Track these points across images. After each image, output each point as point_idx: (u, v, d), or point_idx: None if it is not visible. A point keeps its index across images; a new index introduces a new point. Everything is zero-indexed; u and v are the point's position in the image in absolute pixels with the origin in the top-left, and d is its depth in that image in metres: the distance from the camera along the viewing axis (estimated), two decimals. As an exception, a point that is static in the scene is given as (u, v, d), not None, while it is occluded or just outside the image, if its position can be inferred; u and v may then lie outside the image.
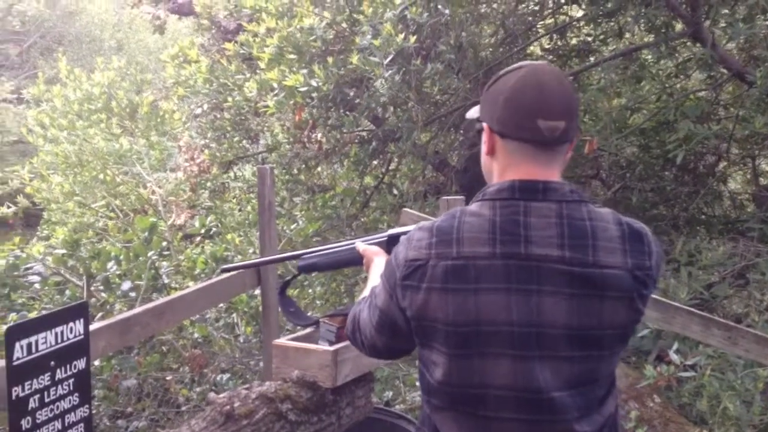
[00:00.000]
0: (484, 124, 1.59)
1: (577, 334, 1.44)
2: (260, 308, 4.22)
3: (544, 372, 1.44)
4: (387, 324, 1.60)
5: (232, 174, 7.36)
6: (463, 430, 1.51)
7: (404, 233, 1.68)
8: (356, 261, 2.08)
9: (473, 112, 1.71)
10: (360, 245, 2.07)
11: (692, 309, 3.40)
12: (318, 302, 5.93)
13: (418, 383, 4.54)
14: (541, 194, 1.49)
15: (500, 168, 1.56)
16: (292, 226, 6.44)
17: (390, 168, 7.03)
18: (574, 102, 1.52)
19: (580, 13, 6.45)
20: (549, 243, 1.45)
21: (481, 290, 1.45)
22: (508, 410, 1.46)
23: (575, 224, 1.46)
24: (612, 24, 6.15)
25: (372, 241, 2.07)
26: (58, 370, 2.20)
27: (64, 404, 2.22)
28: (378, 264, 1.94)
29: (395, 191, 6.80)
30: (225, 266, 2.46)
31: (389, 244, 1.99)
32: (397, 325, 1.58)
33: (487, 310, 1.44)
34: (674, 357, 3.71)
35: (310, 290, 6.02)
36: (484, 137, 1.60)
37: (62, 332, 2.21)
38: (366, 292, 1.77)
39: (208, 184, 7.20)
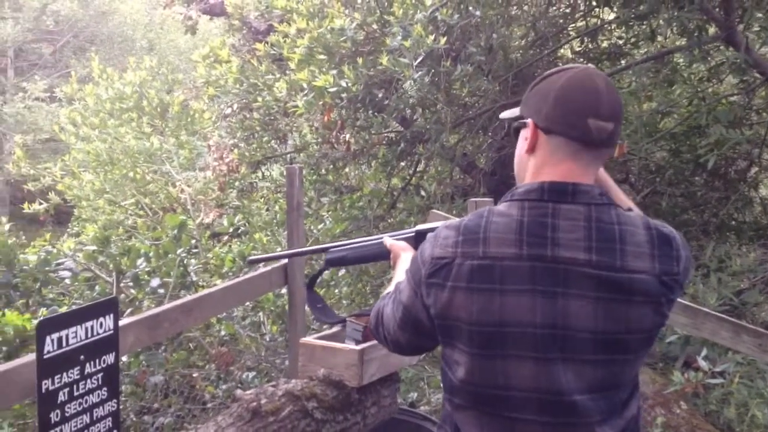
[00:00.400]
0: (528, 121, 1.58)
1: (603, 338, 1.43)
2: (286, 307, 4.24)
3: (567, 375, 1.43)
4: (410, 321, 1.61)
5: (260, 174, 7.41)
6: (485, 429, 1.50)
7: (432, 229, 1.68)
8: (384, 255, 2.08)
9: (510, 112, 1.70)
10: (388, 240, 2.07)
11: (722, 315, 3.35)
12: (344, 302, 5.95)
13: (442, 385, 4.54)
14: (570, 196, 1.48)
15: (537, 166, 1.55)
16: (320, 226, 6.46)
17: (418, 169, 7.03)
18: (621, 107, 1.53)
19: (612, 16, 6.40)
20: (576, 246, 1.44)
21: (507, 291, 1.44)
22: (530, 412, 1.45)
23: (603, 228, 1.45)
24: (644, 27, 6.09)
25: (400, 237, 2.07)
26: (88, 365, 2.21)
27: (93, 398, 2.24)
28: (405, 260, 1.94)
29: (423, 193, 6.80)
30: (252, 257, 2.47)
31: (417, 240, 1.99)
32: (420, 322, 1.58)
33: (511, 311, 1.44)
34: (702, 363, 3.67)
35: (336, 290, 6.04)
36: (525, 134, 1.59)
37: (92, 327, 2.23)
38: (391, 287, 1.77)
39: (237, 183, 7.25)
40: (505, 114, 1.72)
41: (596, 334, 1.43)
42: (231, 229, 6.25)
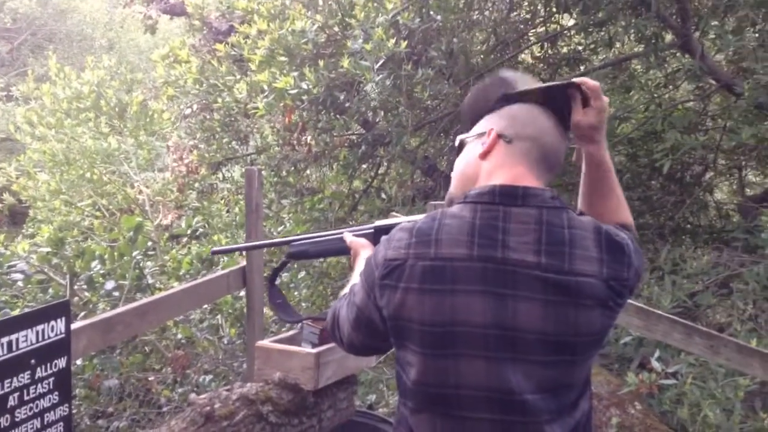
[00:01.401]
0: (487, 130, 1.62)
1: (552, 340, 1.44)
2: (245, 310, 4.21)
3: (516, 375, 1.45)
4: (363, 322, 1.62)
5: (220, 175, 7.36)
6: (437, 430, 1.51)
7: (392, 225, 1.69)
8: (344, 251, 2.08)
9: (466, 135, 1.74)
10: (348, 236, 2.07)
11: (675, 317, 3.41)
12: (304, 304, 5.93)
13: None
14: (521, 199, 1.50)
15: (489, 170, 1.58)
16: (280, 228, 6.43)
17: (379, 172, 7.04)
18: None
19: (571, 22, 6.48)
20: (526, 249, 1.46)
21: (458, 291, 1.46)
22: (481, 410, 1.47)
23: (553, 231, 1.47)
24: (602, 33, 6.18)
25: (359, 233, 2.07)
26: (39, 369, 2.18)
27: (44, 403, 2.20)
28: (363, 258, 1.93)
29: (384, 195, 6.81)
30: (215, 249, 2.45)
31: (376, 236, 2.00)
32: (373, 323, 1.59)
33: (462, 311, 1.45)
34: (656, 364, 3.72)
35: (296, 293, 6.02)
36: (481, 140, 1.63)
37: (43, 330, 2.20)
38: (347, 289, 1.77)
39: (196, 184, 7.18)
40: (463, 136, 1.74)
41: (546, 336, 1.44)
42: (189, 231, 6.18)
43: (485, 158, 1.60)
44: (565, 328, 1.44)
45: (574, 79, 1.61)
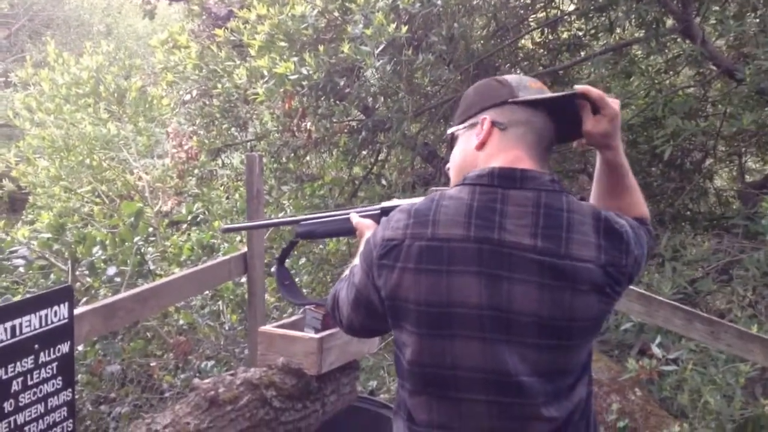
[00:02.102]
0: (482, 118, 1.62)
1: (548, 323, 1.45)
2: (246, 296, 4.21)
3: (512, 356, 1.46)
4: (362, 303, 1.63)
5: (220, 161, 7.34)
6: (434, 412, 1.52)
7: (398, 206, 1.71)
8: (351, 231, 2.09)
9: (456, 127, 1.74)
10: (354, 217, 2.07)
11: (676, 303, 3.42)
12: (304, 291, 5.93)
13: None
14: (519, 182, 1.51)
15: (486, 157, 1.59)
16: (280, 215, 6.43)
17: (379, 158, 7.03)
18: None
19: (572, 8, 6.46)
20: (522, 232, 1.47)
21: (453, 272, 1.47)
22: (477, 392, 1.48)
23: (551, 214, 1.48)
24: (603, 19, 6.16)
25: (366, 213, 2.08)
26: (42, 354, 2.19)
27: (47, 388, 2.22)
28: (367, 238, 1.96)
29: (384, 182, 6.79)
30: (226, 226, 2.46)
31: (382, 217, 2.01)
32: (372, 304, 1.60)
33: (457, 291, 1.46)
34: (656, 350, 3.74)
35: (297, 279, 6.02)
36: (475, 131, 1.63)
37: (46, 315, 2.21)
38: (348, 270, 1.79)
39: (196, 171, 7.16)
40: (454, 128, 1.74)
41: (541, 319, 1.45)
42: (189, 217, 6.18)
43: (482, 149, 1.60)
44: (560, 312, 1.45)
45: (577, 88, 1.60)
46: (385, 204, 2.06)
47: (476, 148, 1.61)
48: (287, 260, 5.49)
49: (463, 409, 1.49)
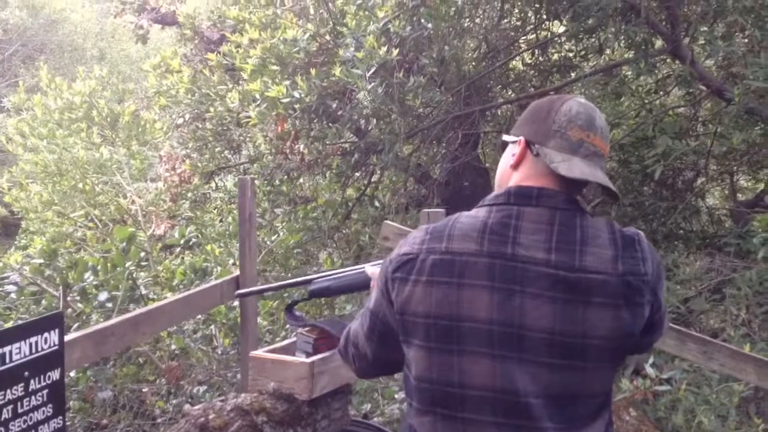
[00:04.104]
0: (519, 138, 1.61)
1: (559, 340, 1.42)
2: (238, 320, 4.20)
3: (522, 375, 1.43)
4: (377, 327, 1.62)
5: (213, 184, 7.35)
6: None
7: None
8: (366, 284, 2.09)
9: (508, 137, 1.72)
10: (369, 269, 2.08)
11: (668, 323, 3.41)
12: (297, 314, 5.89)
13: (396, 396, 4.53)
14: (535, 200, 1.51)
15: (518, 180, 1.59)
16: (273, 237, 6.42)
17: (372, 180, 7.04)
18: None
19: (562, 29, 6.51)
20: (536, 246, 1.46)
21: (464, 285, 1.46)
22: (485, 412, 1.45)
23: (566, 230, 1.47)
24: (593, 40, 6.21)
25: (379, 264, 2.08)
26: (32, 381, 2.18)
27: (38, 415, 2.20)
28: None
29: (377, 203, 6.80)
30: (240, 291, 2.47)
31: None
32: (386, 325, 1.59)
33: (467, 305, 1.45)
34: (650, 371, 3.73)
35: (290, 301, 5.99)
36: (513, 150, 1.63)
37: (37, 342, 2.19)
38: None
39: (189, 194, 7.17)
40: (506, 137, 1.73)
41: (553, 335, 1.42)
42: (182, 241, 6.17)
43: (516, 169, 1.61)
44: (572, 327, 1.42)
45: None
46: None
47: (511, 167, 1.62)
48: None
49: (469, 431, 1.47)
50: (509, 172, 1.62)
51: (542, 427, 1.43)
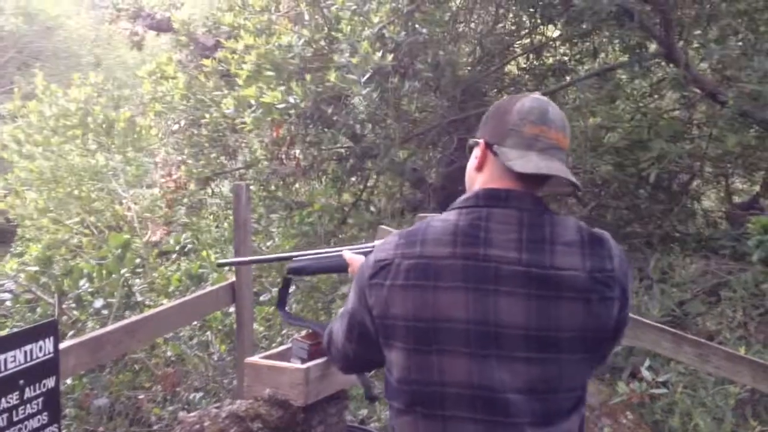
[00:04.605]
0: (480, 141, 1.65)
1: (535, 335, 1.46)
2: (234, 326, 4.19)
3: (501, 371, 1.46)
4: (356, 328, 1.65)
5: (209, 190, 7.34)
6: None
7: None
8: (343, 268, 2.13)
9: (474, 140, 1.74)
10: (347, 254, 2.10)
11: (663, 326, 3.42)
12: (290, 313, 5.89)
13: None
14: (504, 201, 1.54)
15: (482, 182, 1.62)
16: (268, 243, 6.42)
17: (368, 185, 7.04)
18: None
19: (556, 33, 6.52)
20: (508, 246, 1.49)
21: (440, 288, 1.49)
22: (463, 409, 1.48)
23: (535, 229, 1.51)
24: (587, 44, 6.23)
25: (359, 251, 2.11)
26: (27, 389, 2.17)
27: (33, 423, 2.20)
28: None
29: (373, 208, 6.80)
30: (220, 261, 2.48)
31: None
32: (364, 327, 1.62)
33: (444, 307, 1.49)
34: (646, 374, 3.73)
35: (286, 307, 5.98)
36: (476, 153, 1.66)
37: (31, 350, 2.19)
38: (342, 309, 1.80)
39: (185, 200, 7.16)
40: (470, 141, 1.76)
41: (528, 330, 1.46)
42: (177, 247, 6.16)
43: (480, 170, 1.64)
44: (546, 322, 1.46)
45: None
46: (379, 242, 2.08)
47: (475, 169, 1.65)
48: (273, 289, 5.45)
49: (449, 428, 1.50)
50: (474, 174, 1.65)
51: (520, 423, 1.46)
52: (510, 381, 1.46)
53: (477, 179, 1.63)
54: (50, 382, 2.25)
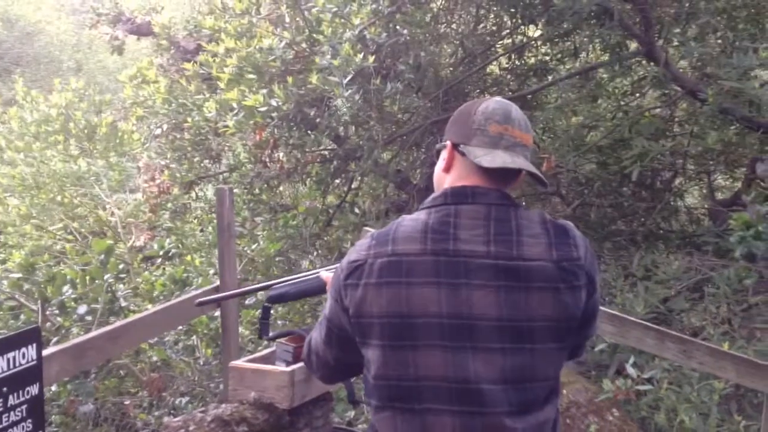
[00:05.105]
0: (447, 143, 1.69)
1: (508, 325, 1.50)
2: (220, 330, 4.18)
3: (476, 363, 1.49)
4: (334, 332, 1.67)
5: (193, 194, 7.30)
6: (398, 428, 1.54)
7: None
8: (322, 289, 2.13)
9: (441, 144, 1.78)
10: (324, 274, 2.12)
11: (647, 323, 3.45)
12: (280, 322, 5.89)
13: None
14: (470, 198, 1.58)
15: (451, 182, 1.65)
16: (254, 246, 6.40)
17: (352, 187, 7.04)
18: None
19: (537, 33, 6.55)
20: (476, 240, 1.53)
21: (413, 284, 1.52)
22: (440, 401, 1.50)
23: (502, 223, 1.55)
24: (568, 44, 6.25)
25: (334, 270, 2.09)
26: (11, 396, 2.17)
27: (18, 431, 2.19)
28: None
29: (357, 210, 6.81)
30: (199, 300, 2.47)
31: None
32: (342, 329, 1.64)
33: (418, 302, 1.52)
34: (631, 371, 3.75)
35: (272, 310, 5.97)
36: (444, 155, 1.70)
37: (14, 358, 2.19)
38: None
39: (169, 204, 7.13)
40: (438, 146, 1.79)
41: (501, 321, 1.50)
42: (162, 252, 6.13)
43: (448, 171, 1.68)
44: (517, 312, 1.50)
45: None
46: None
47: (443, 171, 1.69)
48: (260, 294, 5.45)
49: (427, 421, 1.51)
50: (442, 175, 1.69)
51: (496, 412, 1.49)
52: (485, 372, 1.49)
53: (445, 179, 1.67)
54: (34, 389, 2.25)
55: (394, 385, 1.54)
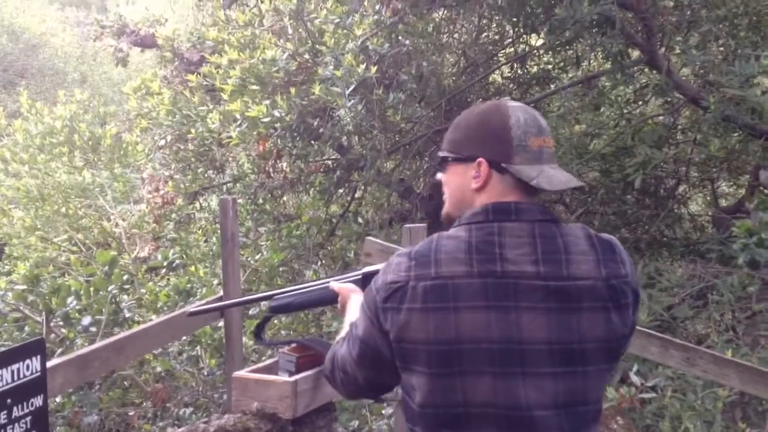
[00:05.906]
0: (480, 159, 1.58)
1: (558, 348, 1.45)
2: (224, 340, 4.18)
3: (527, 389, 1.45)
4: (368, 354, 1.60)
5: (197, 205, 7.33)
6: None
7: (378, 270, 1.68)
8: (331, 300, 2.07)
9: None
10: (335, 284, 2.04)
11: (650, 331, 3.44)
12: (283, 332, 5.90)
13: (384, 411, 4.53)
14: (514, 215, 1.52)
15: (486, 200, 1.57)
16: (257, 257, 6.41)
17: (355, 196, 7.06)
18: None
19: (540, 42, 6.57)
20: (523, 260, 1.48)
21: (461, 308, 1.46)
22: (491, 428, 1.46)
23: (547, 241, 1.50)
24: (570, 52, 6.27)
25: (347, 280, 2.05)
26: (15, 408, 2.16)
27: (22, 443, 2.19)
28: (355, 301, 1.91)
29: (361, 219, 6.82)
30: (192, 310, 2.44)
31: (364, 282, 1.95)
32: (379, 353, 1.57)
33: (466, 327, 1.46)
34: (634, 378, 3.74)
35: (275, 320, 5.98)
36: (472, 171, 1.59)
37: (19, 369, 2.18)
38: (343, 332, 1.76)
39: (173, 215, 7.15)
40: (445, 154, 1.70)
41: (551, 345, 1.45)
42: (166, 263, 6.15)
43: (481, 191, 1.58)
44: (569, 335, 1.45)
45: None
46: (367, 269, 2.03)
47: (475, 190, 1.59)
48: (263, 303, 5.45)
49: None
50: (473, 194, 1.59)
51: None
52: (536, 397, 1.44)
53: (476, 198, 1.58)
54: (38, 401, 2.24)
55: (441, 413, 1.49)
